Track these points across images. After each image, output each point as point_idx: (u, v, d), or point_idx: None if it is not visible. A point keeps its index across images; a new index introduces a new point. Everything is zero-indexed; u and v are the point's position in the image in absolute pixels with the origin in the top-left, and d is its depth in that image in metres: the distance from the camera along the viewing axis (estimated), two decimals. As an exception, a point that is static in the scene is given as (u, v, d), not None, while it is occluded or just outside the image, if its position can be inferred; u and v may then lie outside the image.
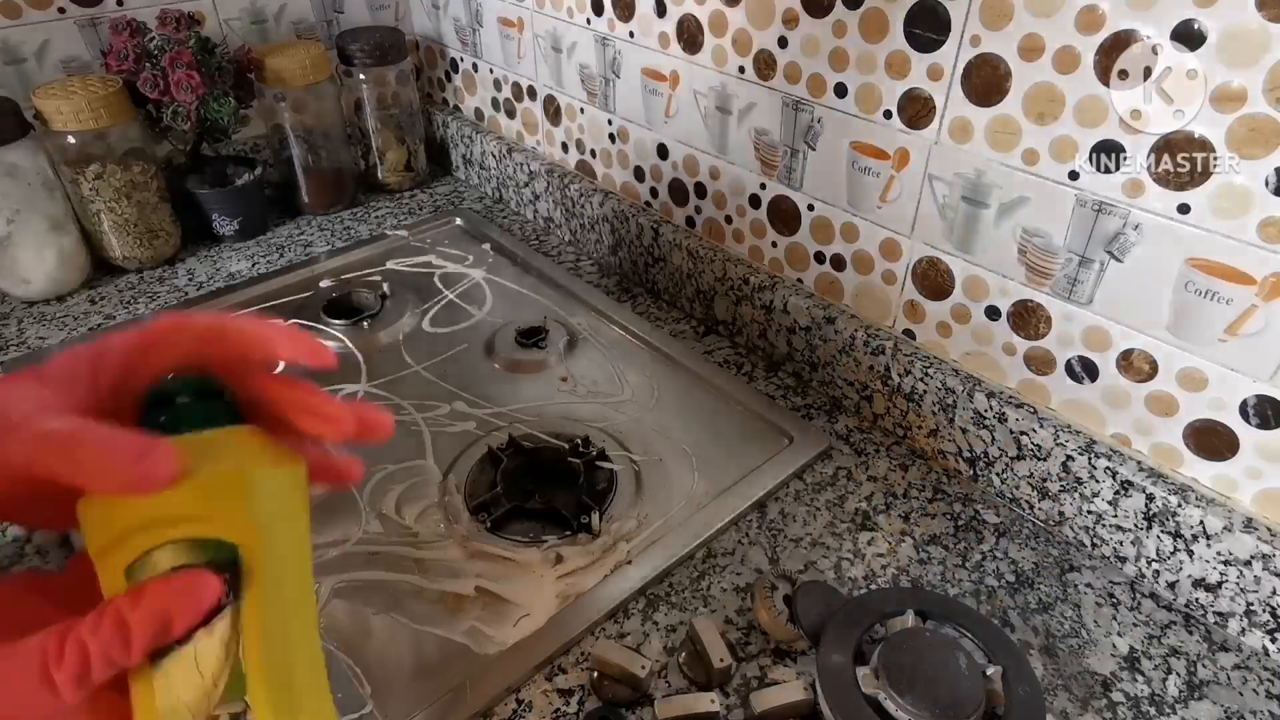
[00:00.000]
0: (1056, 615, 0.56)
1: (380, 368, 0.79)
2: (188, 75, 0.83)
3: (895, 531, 0.61)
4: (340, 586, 0.58)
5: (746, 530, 0.61)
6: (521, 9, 0.91)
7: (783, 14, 0.64)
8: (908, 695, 0.45)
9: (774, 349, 0.78)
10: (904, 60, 0.58)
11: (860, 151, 0.64)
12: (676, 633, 0.54)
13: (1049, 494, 0.61)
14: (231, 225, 0.96)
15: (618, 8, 0.79)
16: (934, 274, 0.64)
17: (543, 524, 0.62)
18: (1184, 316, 0.51)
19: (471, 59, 1.05)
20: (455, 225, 1.03)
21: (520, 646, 0.53)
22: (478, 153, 1.08)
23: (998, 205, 0.57)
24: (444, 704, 0.50)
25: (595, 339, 0.82)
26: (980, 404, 0.62)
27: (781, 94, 0.68)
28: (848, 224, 0.68)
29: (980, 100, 0.55)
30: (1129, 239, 0.52)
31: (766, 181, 0.73)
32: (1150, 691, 0.51)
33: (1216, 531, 0.53)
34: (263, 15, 1.02)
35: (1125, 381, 0.56)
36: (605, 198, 0.90)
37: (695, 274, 0.82)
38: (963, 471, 0.66)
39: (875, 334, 0.69)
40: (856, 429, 0.71)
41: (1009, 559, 0.60)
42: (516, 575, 0.58)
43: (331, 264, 0.93)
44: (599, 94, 0.87)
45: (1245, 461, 0.52)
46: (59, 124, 0.81)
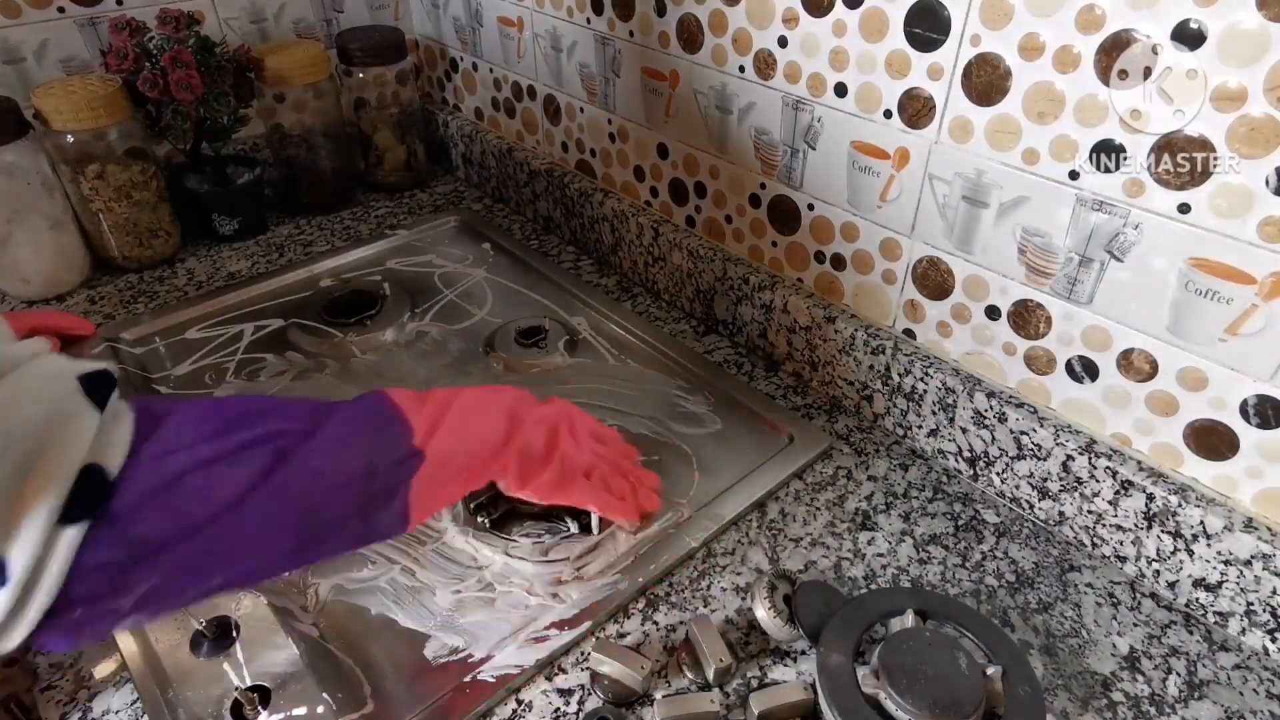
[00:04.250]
0: (1056, 615, 0.56)
1: (380, 367, 0.79)
2: (187, 75, 0.83)
3: (895, 531, 0.61)
4: (340, 586, 0.58)
5: (746, 530, 0.61)
6: (521, 8, 0.91)
7: (783, 14, 0.64)
8: (908, 695, 0.45)
9: (774, 349, 0.78)
10: (904, 60, 0.58)
11: (860, 151, 0.64)
12: (676, 633, 0.54)
13: (1049, 494, 0.61)
14: (231, 225, 0.96)
15: (618, 7, 0.79)
16: (934, 274, 0.64)
17: (542, 523, 0.62)
18: (1184, 316, 0.51)
19: (471, 58, 1.04)
20: (455, 225, 1.03)
21: (520, 646, 0.53)
22: (478, 152, 1.08)
23: (998, 205, 0.57)
24: (444, 704, 0.50)
25: (595, 339, 0.82)
26: (980, 404, 0.62)
27: (781, 93, 0.68)
28: (848, 223, 0.68)
29: (980, 100, 0.55)
30: (1129, 239, 0.52)
31: (766, 181, 0.73)
32: (1150, 691, 0.51)
33: (1217, 531, 0.53)
34: (262, 14, 1.02)
35: (1125, 381, 0.56)
36: (605, 197, 0.90)
37: (695, 274, 0.82)
38: (963, 471, 0.66)
39: (875, 334, 0.69)
40: (856, 429, 0.71)
41: (1009, 559, 0.60)
42: (516, 575, 0.58)
43: (331, 264, 0.93)
44: (599, 94, 0.87)
45: (1245, 461, 0.52)
46: (58, 123, 0.81)
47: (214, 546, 0.37)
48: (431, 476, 0.46)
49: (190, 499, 0.36)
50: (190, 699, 0.51)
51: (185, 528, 0.36)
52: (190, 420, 0.38)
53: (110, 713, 0.50)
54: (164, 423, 0.37)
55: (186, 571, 0.37)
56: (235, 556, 0.38)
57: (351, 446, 0.42)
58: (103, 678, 0.51)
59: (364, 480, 0.42)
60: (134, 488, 0.35)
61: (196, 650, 0.53)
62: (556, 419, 0.55)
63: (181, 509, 0.36)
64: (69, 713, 0.50)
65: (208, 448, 0.37)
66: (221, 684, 0.51)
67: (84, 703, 0.50)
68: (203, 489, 0.37)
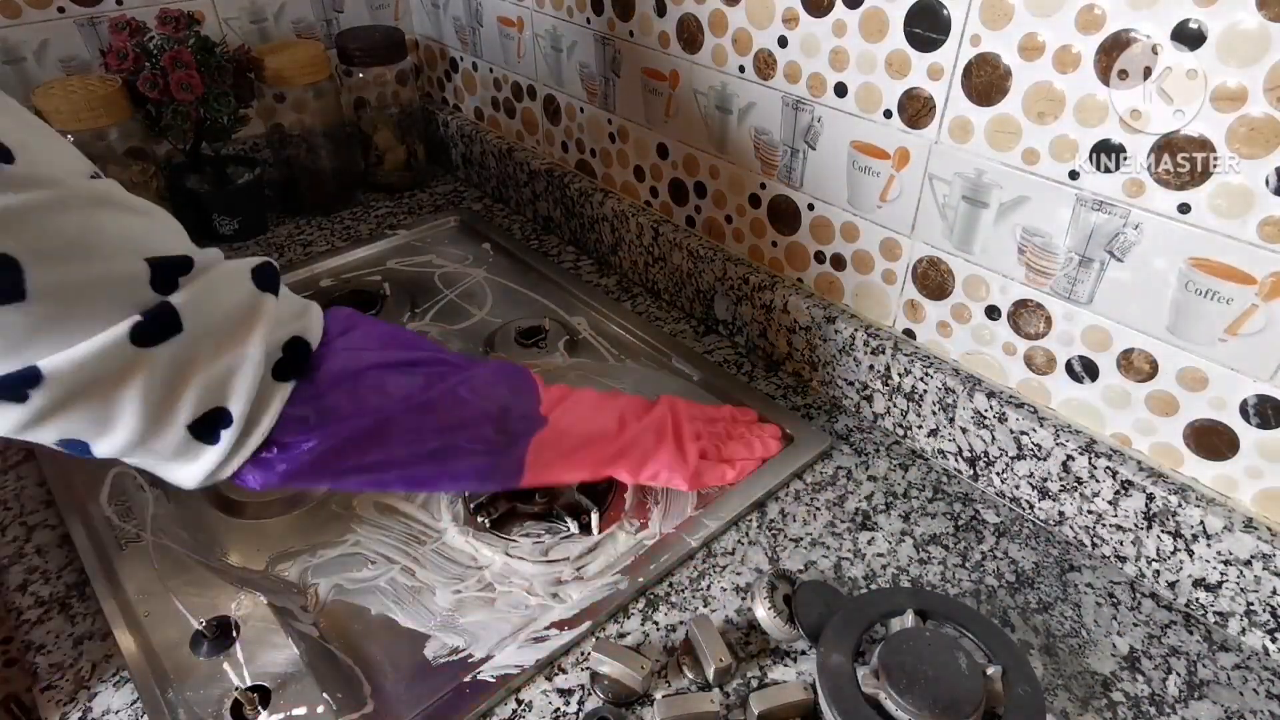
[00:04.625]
0: (1056, 615, 0.56)
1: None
2: (187, 75, 0.83)
3: (895, 531, 0.61)
4: (340, 586, 0.58)
5: (746, 530, 0.61)
6: (521, 8, 0.91)
7: (783, 14, 0.64)
8: (908, 695, 0.45)
9: (774, 349, 0.78)
10: (904, 59, 0.58)
11: (860, 151, 0.64)
12: (676, 633, 0.54)
13: (1049, 494, 0.61)
14: (231, 225, 0.96)
15: (617, 7, 0.79)
16: (934, 274, 0.64)
17: (542, 523, 0.62)
18: (1184, 316, 0.51)
19: (471, 58, 1.04)
20: (455, 225, 1.03)
21: (520, 646, 0.53)
22: (478, 152, 1.08)
23: (998, 205, 0.57)
24: (444, 704, 0.50)
25: (595, 339, 0.82)
26: (980, 404, 0.62)
27: (781, 93, 0.68)
28: (848, 223, 0.68)
29: (980, 100, 0.55)
30: (1129, 239, 0.52)
31: (766, 181, 0.73)
32: (1150, 691, 0.51)
33: (1217, 531, 0.53)
34: (262, 14, 1.02)
35: (1125, 381, 0.56)
36: (605, 197, 0.90)
37: (695, 273, 0.82)
38: (963, 471, 0.66)
39: (875, 334, 0.69)
40: (856, 429, 0.71)
41: (1009, 559, 0.60)
42: (516, 575, 0.58)
43: (331, 264, 0.93)
44: (599, 94, 0.87)
45: (1245, 461, 0.52)
46: (58, 123, 0.81)
47: (378, 431, 0.47)
48: (550, 442, 0.54)
49: (367, 389, 0.47)
50: (190, 699, 0.51)
51: (360, 409, 0.46)
52: (375, 333, 0.49)
53: (110, 713, 0.50)
54: (356, 326, 0.48)
55: (354, 445, 0.46)
56: (391, 445, 0.48)
57: (493, 391, 0.52)
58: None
59: (497, 420, 0.52)
60: (328, 366, 0.46)
61: (196, 650, 0.53)
62: (664, 415, 0.62)
63: (359, 395, 0.46)
64: (69, 713, 0.50)
65: (385, 355, 0.48)
66: (221, 684, 0.51)
67: (84, 703, 0.50)
68: (377, 385, 0.47)
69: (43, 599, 0.56)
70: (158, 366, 0.39)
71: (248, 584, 0.58)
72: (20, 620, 0.55)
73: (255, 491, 0.46)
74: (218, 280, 0.42)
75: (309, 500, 0.64)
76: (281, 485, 0.45)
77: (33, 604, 0.56)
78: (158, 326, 0.39)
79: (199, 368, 0.41)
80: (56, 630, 0.54)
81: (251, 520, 0.63)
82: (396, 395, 0.48)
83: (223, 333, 0.42)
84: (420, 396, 0.49)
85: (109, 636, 0.54)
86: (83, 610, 0.56)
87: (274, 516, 0.63)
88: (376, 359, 0.48)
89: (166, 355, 0.39)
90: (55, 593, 0.57)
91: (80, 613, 0.56)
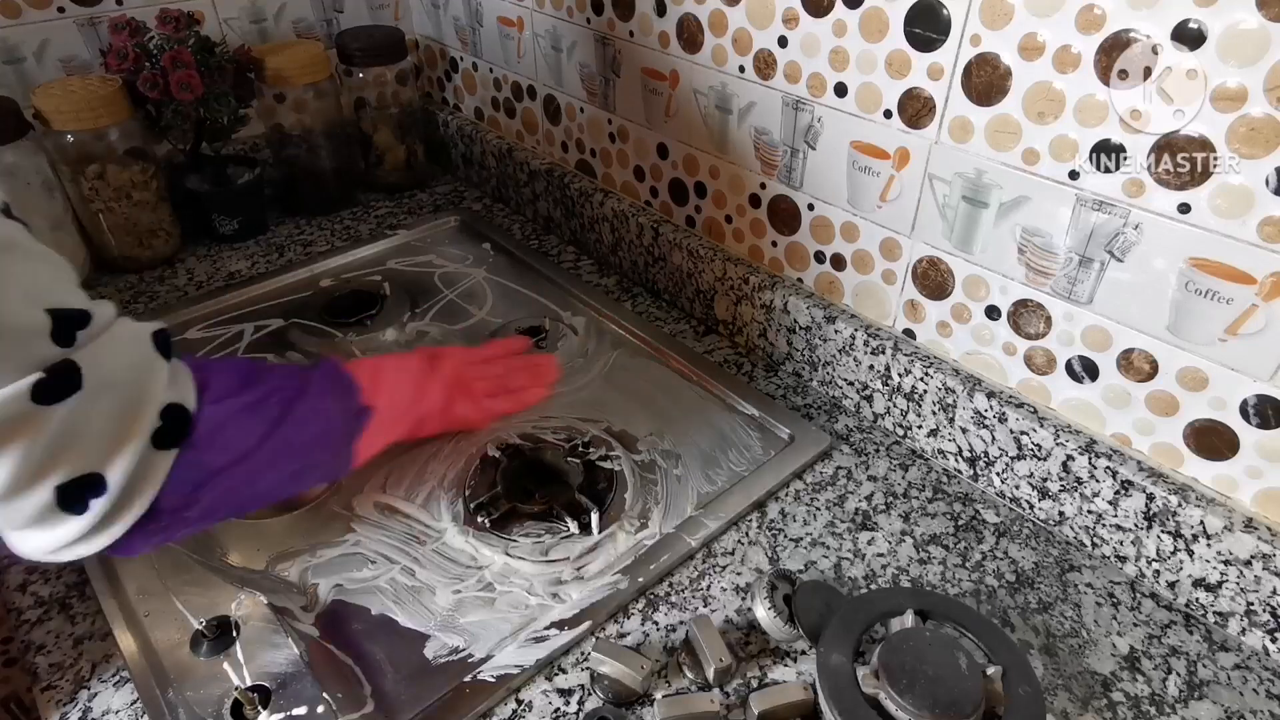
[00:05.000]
0: (1056, 615, 0.56)
1: (380, 367, 0.78)
2: (187, 75, 0.83)
3: (895, 531, 0.61)
4: (340, 586, 0.58)
5: (746, 530, 0.61)
6: (521, 8, 0.91)
7: (783, 14, 0.64)
8: (908, 695, 0.45)
9: (774, 349, 0.78)
10: (904, 59, 0.58)
11: (860, 151, 0.64)
12: (676, 633, 0.54)
13: (1049, 494, 0.61)
14: (231, 225, 0.96)
15: (618, 7, 0.79)
16: (934, 274, 0.64)
17: (542, 523, 0.62)
18: (1184, 316, 0.51)
19: (471, 58, 1.04)
20: (455, 225, 1.03)
21: (520, 646, 0.53)
22: (478, 152, 1.08)
23: (998, 205, 0.57)
24: (444, 704, 0.50)
25: (595, 339, 0.82)
26: (980, 404, 0.62)
27: (781, 93, 0.68)
28: (848, 223, 0.68)
29: (980, 100, 0.55)
30: (1129, 239, 0.52)
31: (766, 181, 0.73)
32: (1150, 691, 0.51)
33: (1217, 531, 0.53)
34: (262, 14, 1.02)
35: (1125, 381, 0.56)
36: (605, 197, 0.90)
37: (695, 273, 0.82)
38: (963, 471, 0.66)
39: (875, 334, 0.69)
40: (856, 429, 0.71)
41: (1009, 559, 0.60)
42: (516, 575, 0.58)
43: (331, 264, 0.93)
44: (599, 94, 0.87)
45: (1245, 461, 0.52)
46: (58, 124, 0.81)
47: (249, 475, 0.48)
48: (375, 429, 0.57)
49: (235, 435, 0.47)
50: (190, 699, 0.51)
51: (233, 458, 0.47)
52: (224, 375, 0.48)
53: (110, 713, 0.50)
54: (211, 375, 0.47)
55: (231, 491, 0.48)
56: (258, 481, 0.50)
57: (329, 404, 0.54)
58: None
59: (339, 428, 0.55)
60: (204, 424, 0.45)
61: (196, 650, 0.53)
62: (448, 369, 0.65)
63: (230, 443, 0.47)
64: (69, 713, 0.50)
65: (238, 399, 0.48)
66: (221, 684, 0.51)
67: (84, 703, 0.50)
68: (240, 429, 0.48)
69: (43, 599, 0.56)
70: (49, 424, 0.37)
71: (248, 584, 0.58)
72: (20, 620, 0.55)
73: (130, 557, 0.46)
74: (119, 339, 0.42)
75: (309, 500, 0.64)
76: (157, 548, 0.46)
77: (33, 604, 0.56)
78: (60, 384, 0.38)
79: (88, 429, 0.39)
80: (56, 630, 0.54)
81: (251, 520, 0.63)
82: (257, 435, 0.48)
83: (117, 395, 0.41)
84: (280, 431, 0.49)
85: (109, 636, 0.54)
86: (83, 610, 0.56)
87: (274, 516, 0.63)
88: (239, 406, 0.48)
89: (62, 414, 0.38)
90: (55, 593, 0.57)
91: (80, 613, 0.56)
